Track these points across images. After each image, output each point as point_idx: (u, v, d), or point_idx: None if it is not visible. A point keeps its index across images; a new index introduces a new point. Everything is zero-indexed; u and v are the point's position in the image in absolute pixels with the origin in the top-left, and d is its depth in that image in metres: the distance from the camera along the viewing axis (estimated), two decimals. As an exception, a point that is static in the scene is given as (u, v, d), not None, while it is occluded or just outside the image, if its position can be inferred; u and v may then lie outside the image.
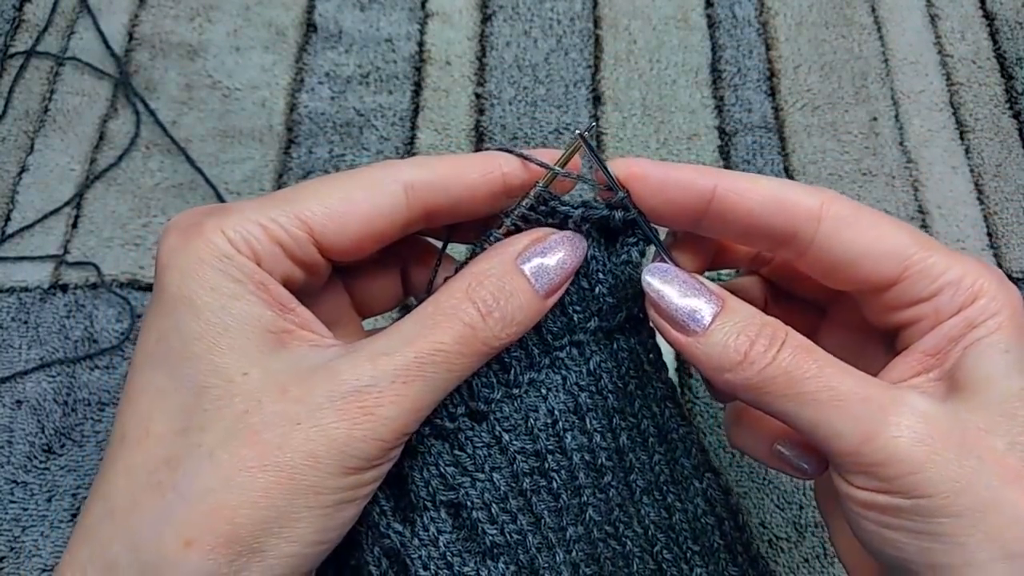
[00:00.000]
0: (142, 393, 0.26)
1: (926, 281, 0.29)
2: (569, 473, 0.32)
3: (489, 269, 0.29)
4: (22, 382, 0.53)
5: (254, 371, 0.26)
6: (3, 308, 0.55)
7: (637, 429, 0.33)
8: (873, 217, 0.30)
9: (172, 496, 0.25)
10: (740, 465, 0.50)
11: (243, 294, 0.27)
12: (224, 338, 0.26)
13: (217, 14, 0.66)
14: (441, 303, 0.28)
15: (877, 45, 0.64)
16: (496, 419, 0.31)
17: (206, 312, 0.26)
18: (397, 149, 0.61)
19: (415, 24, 0.65)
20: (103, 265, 0.56)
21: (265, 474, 0.25)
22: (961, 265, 0.29)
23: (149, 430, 0.26)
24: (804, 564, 0.48)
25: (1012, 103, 0.62)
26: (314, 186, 0.29)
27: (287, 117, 0.62)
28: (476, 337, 0.28)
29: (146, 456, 0.25)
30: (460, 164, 0.30)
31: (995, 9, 0.65)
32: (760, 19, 0.65)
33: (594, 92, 0.62)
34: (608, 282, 0.31)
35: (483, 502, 0.30)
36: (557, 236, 0.31)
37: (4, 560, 0.48)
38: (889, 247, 0.29)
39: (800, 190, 0.30)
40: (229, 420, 0.25)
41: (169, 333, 0.26)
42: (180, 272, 0.27)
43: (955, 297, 0.29)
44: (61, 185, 0.59)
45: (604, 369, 0.32)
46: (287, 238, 0.28)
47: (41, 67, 0.63)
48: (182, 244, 0.27)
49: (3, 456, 0.51)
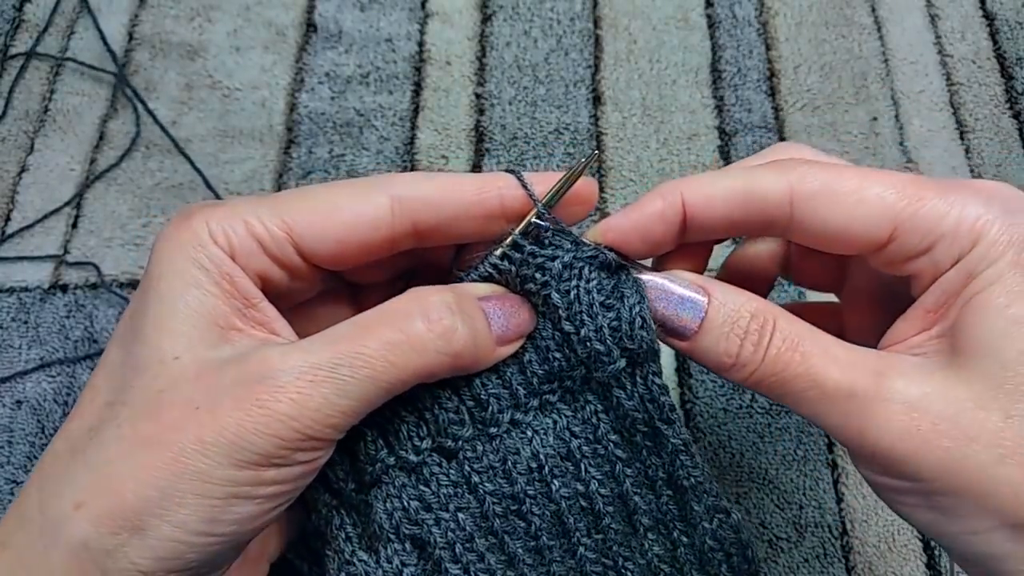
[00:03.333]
0: (102, 366, 0.28)
1: (918, 236, 0.27)
2: (556, 516, 0.31)
3: (448, 290, 0.29)
4: (22, 382, 0.53)
5: (186, 356, 0.26)
6: (3, 308, 0.55)
7: (644, 475, 0.31)
8: (852, 181, 0.28)
9: (80, 461, 0.26)
10: (740, 465, 0.50)
11: (204, 283, 0.27)
12: (171, 322, 0.27)
13: (217, 14, 0.66)
14: (385, 307, 0.28)
15: (877, 45, 0.64)
16: (467, 458, 0.30)
17: (165, 295, 0.27)
18: (397, 149, 0.60)
19: (415, 24, 0.65)
20: (103, 265, 0.56)
21: (154, 452, 0.25)
22: (961, 205, 0.27)
23: (93, 399, 0.27)
24: (804, 564, 0.48)
25: (1012, 103, 0.62)
26: (306, 191, 0.29)
27: (287, 117, 0.62)
28: (410, 346, 0.26)
29: (80, 423, 0.27)
30: (455, 182, 0.30)
31: (995, 9, 0.65)
32: (760, 19, 0.65)
33: (594, 92, 0.62)
34: (592, 326, 0.29)
35: (446, 541, 0.29)
36: (518, 296, 0.30)
37: (4, 560, 0.48)
38: (872, 210, 0.27)
39: (766, 176, 0.29)
40: (145, 398, 0.26)
41: (136, 312, 0.28)
42: (159, 256, 0.28)
43: (952, 247, 0.27)
44: (61, 185, 0.59)
45: (603, 419, 0.31)
46: (266, 235, 0.28)
47: (41, 67, 0.63)
48: (171, 231, 0.28)
49: (3, 456, 0.51)
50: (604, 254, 0.30)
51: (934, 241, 0.27)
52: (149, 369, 0.26)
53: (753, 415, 0.51)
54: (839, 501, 0.49)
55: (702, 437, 0.51)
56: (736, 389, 0.52)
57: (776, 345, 0.28)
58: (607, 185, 0.59)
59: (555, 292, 0.29)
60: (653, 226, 0.30)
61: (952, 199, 0.27)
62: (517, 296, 0.31)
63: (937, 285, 0.28)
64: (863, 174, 0.28)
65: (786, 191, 0.28)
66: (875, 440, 0.26)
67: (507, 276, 0.30)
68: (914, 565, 0.47)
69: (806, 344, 0.28)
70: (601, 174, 0.59)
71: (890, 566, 0.47)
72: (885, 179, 0.28)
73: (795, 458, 0.50)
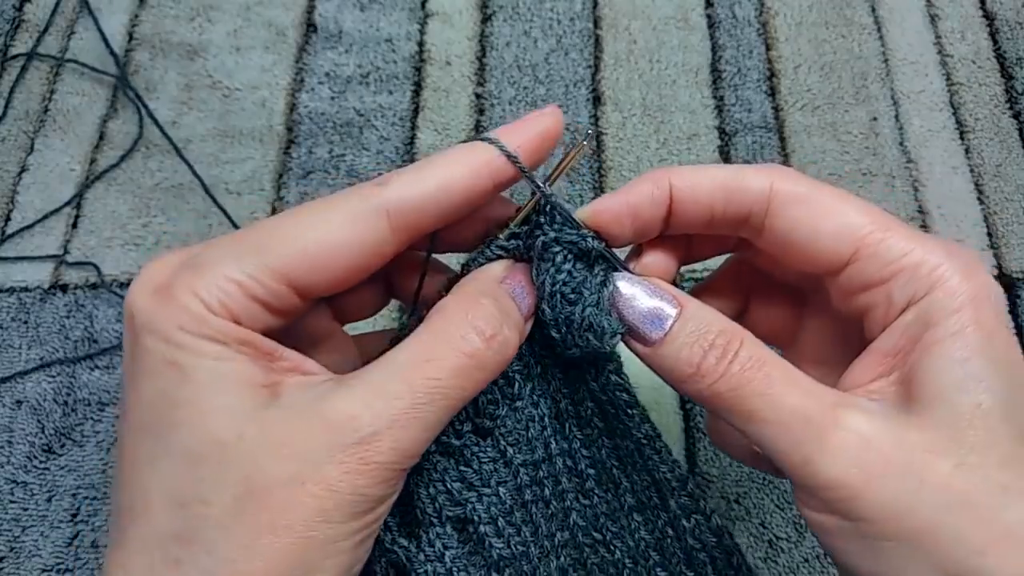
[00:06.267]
0: (136, 461, 0.26)
1: (879, 263, 0.27)
2: (555, 479, 0.32)
3: (482, 291, 0.29)
4: (22, 382, 0.53)
5: (249, 430, 0.25)
6: (3, 308, 0.55)
7: (623, 451, 0.32)
8: (832, 196, 0.28)
9: (194, 573, 0.24)
10: (740, 465, 0.50)
11: (228, 355, 0.26)
12: (215, 400, 0.25)
13: (217, 14, 0.66)
14: (438, 331, 0.27)
15: (877, 45, 0.64)
16: (501, 433, 0.31)
17: (194, 376, 0.25)
18: (397, 149, 0.60)
19: (415, 24, 0.65)
20: (103, 265, 0.56)
21: (280, 538, 0.24)
22: (923, 249, 0.27)
23: (149, 502, 0.25)
24: (804, 564, 0.48)
25: (1012, 103, 0.62)
26: (289, 225, 0.27)
27: (287, 117, 0.62)
28: (475, 366, 0.27)
29: (154, 530, 0.25)
30: (446, 178, 0.28)
31: (995, 9, 0.65)
32: (760, 19, 0.65)
33: (594, 92, 0.62)
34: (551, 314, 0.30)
35: (490, 516, 0.30)
36: (525, 266, 0.31)
37: (4, 560, 0.48)
38: (841, 225, 0.28)
39: (751, 172, 0.29)
40: (231, 488, 0.25)
41: (156, 399, 0.26)
42: (160, 337, 0.25)
43: (909, 284, 0.27)
44: (61, 185, 0.59)
45: (583, 381, 0.32)
46: (265, 294, 0.27)
47: (41, 67, 0.63)
48: (156, 309, 0.26)
49: (3, 456, 0.51)
50: (586, 241, 0.30)
51: (892, 274, 0.27)
52: (209, 456, 0.25)
53: (753, 415, 0.51)
54: (839, 501, 0.49)
55: (702, 437, 0.51)
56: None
57: (740, 362, 0.27)
58: (607, 185, 0.59)
59: (534, 270, 0.30)
60: (642, 209, 0.30)
61: (917, 242, 0.27)
62: (524, 265, 0.31)
63: (895, 328, 0.28)
64: (843, 197, 0.29)
65: (767, 188, 0.29)
66: (825, 469, 0.26)
67: (514, 251, 0.31)
68: (914, 565, 0.47)
69: (769, 366, 0.27)
70: (601, 174, 0.59)
71: (890, 566, 0.47)
72: (861, 206, 0.28)
73: (795, 458, 0.50)
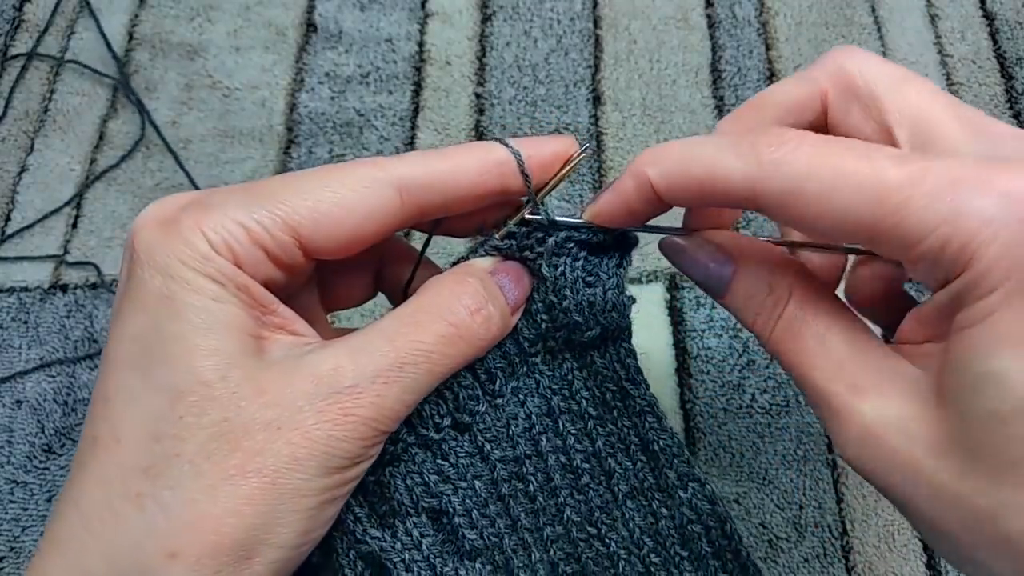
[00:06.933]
0: (115, 394, 0.25)
1: (898, 250, 0.24)
2: (545, 475, 0.32)
3: (469, 273, 0.30)
4: (22, 382, 0.53)
5: (233, 374, 0.25)
6: (3, 308, 0.55)
7: (617, 437, 0.33)
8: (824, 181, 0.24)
9: (153, 507, 0.24)
10: (740, 465, 0.50)
11: (225, 297, 0.26)
12: (205, 340, 0.25)
13: (217, 14, 0.66)
14: (424, 301, 0.28)
15: (877, 45, 0.64)
16: (479, 429, 0.32)
17: (187, 313, 0.25)
18: (397, 149, 0.60)
19: (415, 24, 0.65)
20: (103, 265, 0.56)
21: (248, 481, 0.24)
22: (954, 220, 0.22)
23: (120, 435, 0.25)
24: (804, 564, 0.48)
25: (1012, 103, 0.62)
26: (302, 181, 0.28)
27: (287, 117, 0.62)
28: (460, 336, 0.28)
29: (120, 463, 0.25)
30: (458, 164, 0.29)
31: (995, 9, 0.65)
32: (760, 19, 0.65)
33: (594, 92, 0.62)
34: (573, 299, 0.31)
35: (464, 508, 0.31)
36: (517, 263, 0.32)
37: (4, 560, 0.48)
38: (844, 217, 0.24)
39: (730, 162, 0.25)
40: (208, 427, 0.24)
41: (146, 332, 0.25)
42: (159, 270, 0.25)
43: (934, 270, 0.23)
44: (61, 185, 0.59)
45: (577, 376, 0.33)
46: (271, 242, 0.27)
47: (41, 67, 0.63)
48: (160, 240, 0.26)
49: (3, 456, 0.51)
50: (596, 236, 0.32)
51: (916, 259, 0.23)
52: (192, 393, 0.25)
53: (753, 415, 0.51)
54: (839, 501, 0.49)
55: (702, 437, 0.51)
56: (736, 389, 0.52)
57: (781, 327, 0.28)
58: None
59: (546, 265, 0.31)
60: (632, 204, 0.30)
61: (941, 214, 0.22)
62: (516, 263, 0.32)
63: (933, 302, 0.25)
64: (838, 172, 0.23)
65: (749, 188, 0.25)
66: (841, 448, 0.26)
67: (506, 251, 0.32)
68: (914, 565, 0.47)
69: (801, 338, 0.27)
70: (601, 174, 0.59)
71: (890, 566, 0.47)
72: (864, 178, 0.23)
73: (795, 458, 0.50)
